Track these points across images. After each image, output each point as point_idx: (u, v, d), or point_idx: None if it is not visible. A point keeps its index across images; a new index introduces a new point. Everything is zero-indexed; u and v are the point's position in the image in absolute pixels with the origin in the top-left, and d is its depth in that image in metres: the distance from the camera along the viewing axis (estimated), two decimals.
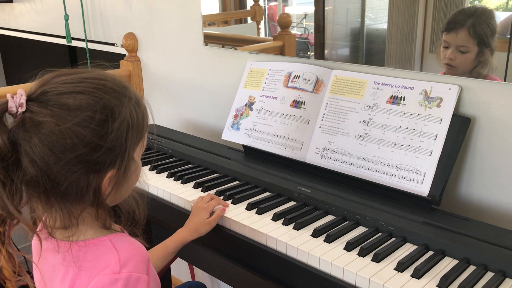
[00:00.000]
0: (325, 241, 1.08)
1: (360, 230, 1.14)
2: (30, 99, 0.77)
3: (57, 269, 0.85)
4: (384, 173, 1.25)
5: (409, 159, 1.22)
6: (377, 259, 1.01)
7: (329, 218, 1.19)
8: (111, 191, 0.83)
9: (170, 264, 1.85)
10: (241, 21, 1.90)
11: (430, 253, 1.04)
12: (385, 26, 1.39)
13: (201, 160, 1.53)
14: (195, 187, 1.38)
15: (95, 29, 2.38)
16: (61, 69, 0.83)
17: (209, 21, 1.87)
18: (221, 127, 1.69)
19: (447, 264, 1.00)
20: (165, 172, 1.49)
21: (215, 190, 1.33)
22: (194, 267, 2.05)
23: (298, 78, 1.49)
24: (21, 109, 0.75)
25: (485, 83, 1.19)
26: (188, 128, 2.03)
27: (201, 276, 2.17)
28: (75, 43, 2.47)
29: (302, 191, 1.27)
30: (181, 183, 1.41)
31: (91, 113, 0.77)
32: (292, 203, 1.27)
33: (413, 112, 1.24)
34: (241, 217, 1.20)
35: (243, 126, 1.57)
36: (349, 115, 1.35)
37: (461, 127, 1.19)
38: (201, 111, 1.96)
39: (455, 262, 1.01)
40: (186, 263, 2.07)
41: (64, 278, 0.84)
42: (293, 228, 1.14)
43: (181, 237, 1.18)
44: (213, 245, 1.26)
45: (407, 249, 1.05)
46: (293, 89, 1.50)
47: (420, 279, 0.95)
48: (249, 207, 1.24)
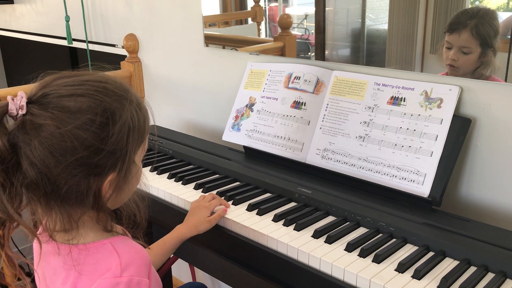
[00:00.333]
0: (325, 242, 1.08)
1: (361, 231, 1.14)
2: (30, 102, 0.76)
3: (58, 272, 0.85)
4: (384, 174, 1.25)
5: (409, 160, 1.22)
6: (377, 260, 1.01)
7: (330, 219, 1.19)
8: (111, 195, 0.82)
9: (171, 265, 1.85)
10: (241, 22, 1.90)
11: (431, 254, 1.04)
12: (385, 26, 1.39)
13: (201, 161, 1.53)
14: (196, 188, 1.38)
15: (95, 30, 2.38)
16: (62, 71, 0.82)
17: (209, 22, 1.87)
18: (221, 128, 1.69)
19: (448, 265, 1.00)
20: (166, 173, 1.49)
21: (215, 191, 1.33)
22: (195, 268, 2.05)
23: (299, 79, 1.49)
24: (21, 112, 0.74)
25: (485, 83, 1.19)
26: (189, 129, 2.03)
27: (202, 277, 2.17)
28: (76, 44, 2.47)
29: (303, 192, 1.27)
30: (182, 184, 1.41)
31: (92, 116, 0.76)
32: (292, 204, 1.27)
33: (413, 113, 1.24)
34: (241, 218, 1.20)
35: (243, 127, 1.57)
36: (349, 116, 1.35)
37: (461, 128, 1.18)
38: (202, 112, 1.96)
39: (456, 263, 1.01)
40: (187, 264, 2.07)
41: (65, 282, 0.83)
42: (294, 229, 1.14)
43: (180, 233, 1.17)
44: (214, 246, 1.27)
45: (408, 250, 1.06)
46: (294, 90, 1.50)
47: (421, 280, 0.95)
48: (249, 208, 1.24)
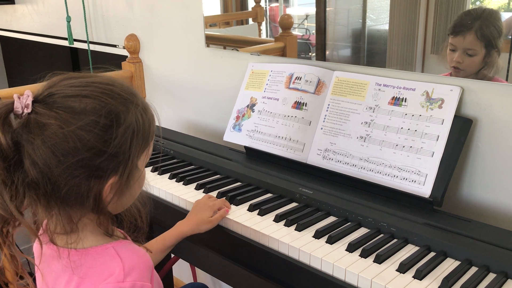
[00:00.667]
0: (327, 242, 1.08)
1: (362, 231, 1.14)
2: (36, 101, 0.76)
3: (60, 276, 0.84)
4: (385, 174, 1.25)
5: (410, 160, 1.22)
6: (379, 260, 1.01)
7: (331, 219, 1.19)
8: (112, 198, 0.81)
9: (171, 266, 1.85)
10: (242, 22, 1.90)
11: (432, 254, 1.04)
12: (386, 27, 1.39)
13: (203, 162, 1.53)
14: (197, 188, 1.38)
15: (97, 30, 2.38)
16: (69, 72, 0.82)
17: (210, 22, 1.87)
18: (222, 128, 1.70)
19: (449, 265, 1.00)
20: (167, 174, 1.49)
21: (217, 192, 1.33)
22: (196, 268, 2.05)
23: (300, 80, 1.50)
24: (26, 110, 0.74)
25: (486, 84, 1.19)
26: (190, 129, 2.03)
27: (203, 277, 2.17)
28: (77, 45, 2.48)
29: (304, 192, 1.28)
30: (183, 184, 1.41)
31: (96, 117, 0.76)
32: (294, 204, 1.28)
33: (414, 113, 1.24)
34: (243, 218, 1.20)
35: (244, 127, 1.58)
36: (350, 116, 1.35)
37: (462, 129, 1.19)
38: (203, 112, 1.96)
39: (457, 263, 1.01)
40: (188, 264, 2.07)
41: (67, 286, 0.83)
42: (295, 229, 1.14)
43: (181, 231, 1.17)
44: (215, 246, 1.27)
45: (409, 250, 1.06)
46: (295, 90, 1.50)
47: (422, 280, 0.95)
48: (251, 208, 1.24)
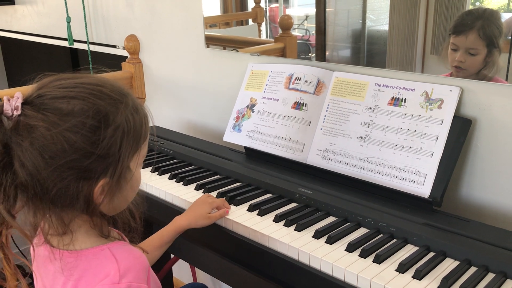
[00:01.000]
0: (326, 242, 1.08)
1: (362, 231, 1.14)
2: (26, 102, 0.76)
3: (57, 278, 0.84)
4: (385, 174, 1.25)
5: (410, 160, 1.22)
6: (378, 260, 1.01)
7: (331, 219, 1.19)
8: (103, 200, 0.80)
9: (171, 266, 1.85)
10: (242, 23, 1.90)
11: (431, 254, 1.04)
12: (386, 27, 1.39)
13: (202, 162, 1.53)
14: (197, 188, 1.38)
15: (97, 31, 2.38)
16: (61, 73, 0.81)
17: (210, 23, 1.87)
18: (222, 128, 1.70)
19: (448, 265, 1.00)
20: (167, 174, 1.49)
21: (216, 192, 1.33)
22: (195, 268, 2.05)
23: (300, 80, 1.50)
24: (16, 112, 0.74)
25: (486, 84, 1.19)
26: (190, 129, 2.04)
27: (203, 277, 2.17)
28: (77, 45, 2.48)
29: (304, 192, 1.28)
30: (183, 184, 1.42)
31: (83, 118, 0.75)
32: (293, 204, 1.28)
33: (414, 114, 1.25)
34: (242, 218, 1.20)
35: (244, 127, 1.58)
36: (350, 116, 1.36)
37: (462, 129, 1.19)
38: (203, 112, 1.96)
39: (456, 263, 1.01)
40: (188, 264, 2.08)
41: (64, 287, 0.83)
42: (295, 230, 1.14)
43: (178, 225, 1.17)
44: (214, 247, 1.27)
45: (408, 250, 1.06)
46: (295, 90, 1.50)
47: (421, 280, 0.95)
48: (250, 209, 1.24)
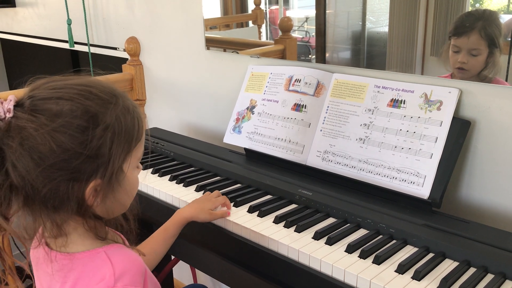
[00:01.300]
0: (326, 243, 1.09)
1: (361, 232, 1.14)
2: (18, 105, 0.76)
3: (55, 280, 0.84)
4: (385, 176, 1.26)
5: (409, 162, 1.22)
6: (378, 261, 1.01)
7: (330, 220, 1.20)
8: (95, 201, 0.80)
9: (172, 267, 1.85)
10: (242, 24, 1.90)
11: (431, 255, 1.04)
12: (386, 29, 1.39)
13: (203, 163, 1.54)
14: (197, 190, 1.38)
15: (97, 33, 2.39)
16: (53, 75, 0.82)
17: (210, 25, 1.88)
18: (222, 130, 1.70)
19: (448, 266, 1.01)
20: (167, 175, 1.49)
21: None
22: (196, 270, 2.05)
23: (299, 82, 1.50)
24: (9, 115, 0.75)
25: (484, 86, 1.19)
26: (190, 131, 2.04)
27: (203, 278, 2.18)
28: (77, 47, 2.48)
29: (304, 194, 1.28)
30: (183, 186, 1.42)
31: (71, 118, 0.75)
32: (293, 205, 1.28)
33: (413, 115, 1.25)
34: (242, 219, 1.20)
35: (244, 129, 1.58)
36: (350, 118, 1.36)
37: (461, 130, 1.19)
38: (203, 114, 1.97)
39: (456, 264, 1.01)
40: (188, 266, 2.08)
41: None
42: (295, 231, 1.14)
43: (181, 217, 1.17)
44: (215, 248, 1.27)
45: (408, 251, 1.06)
46: (294, 92, 1.50)
47: (421, 281, 0.96)
48: (250, 210, 1.25)
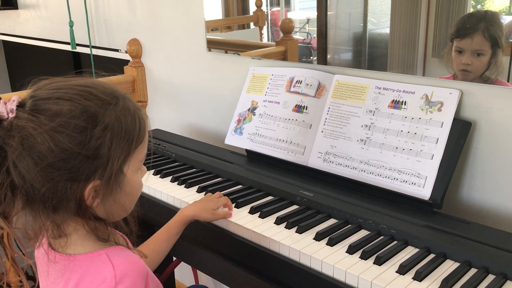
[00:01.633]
0: (327, 244, 1.09)
1: (362, 233, 1.14)
2: (20, 105, 0.77)
3: (57, 282, 0.84)
4: (386, 177, 1.26)
5: (410, 163, 1.23)
6: (379, 262, 1.01)
7: (332, 221, 1.20)
8: (94, 202, 0.80)
9: (173, 268, 1.86)
10: (243, 26, 1.91)
11: (432, 256, 1.04)
12: (387, 30, 1.39)
13: (204, 165, 1.54)
14: (198, 191, 1.39)
15: (99, 35, 2.40)
16: (56, 77, 0.82)
17: (212, 26, 1.88)
18: (224, 131, 1.71)
19: (449, 267, 1.01)
20: (169, 177, 1.50)
21: None
22: (197, 271, 2.06)
23: (300, 83, 1.51)
24: (11, 115, 0.75)
25: (485, 87, 1.20)
26: (192, 133, 2.05)
27: (205, 280, 2.18)
28: (79, 49, 2.49)
29: (305, 195, 1.28)
30: (184, 187, 1.42)
31: (69, 118, 0.76)
32: (294, 206, 1.28)
33: (414, 117, 1.25)
34: (244, 220, 1.21)
35: (246, 130, 1.59)
36: (351, 119, 1.36)
37: (462, 131, 1.19)
38: (204, 116, 1.97)
39: (457, 265, 1.01)
40: (190, 267, 2.08)
41: None
42: (296, 232, 1.15)
43: (184, 216, 1.18)
44: (216, 249, 1.27)
45: (409, 252, 1.06)
46: (296, 94, 1.51)
47: (422, 281, 0.96)
48: (252, 211, 1.25)
